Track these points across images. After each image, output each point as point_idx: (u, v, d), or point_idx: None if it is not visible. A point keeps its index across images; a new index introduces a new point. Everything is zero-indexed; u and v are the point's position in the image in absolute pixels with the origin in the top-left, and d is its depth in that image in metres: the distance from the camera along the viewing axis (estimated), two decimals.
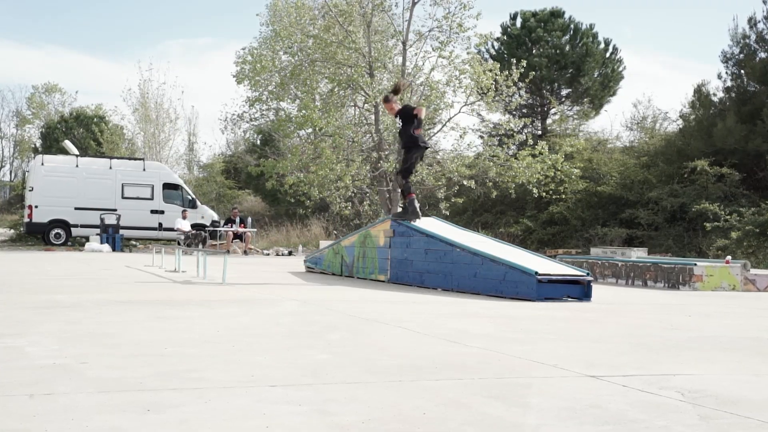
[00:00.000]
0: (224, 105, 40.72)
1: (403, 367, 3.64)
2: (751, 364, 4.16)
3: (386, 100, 9.46)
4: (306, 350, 4.10)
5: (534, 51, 27.06)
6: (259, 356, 3.84)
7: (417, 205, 9.40)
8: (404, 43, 20.22)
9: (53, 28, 71.71)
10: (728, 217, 18.18)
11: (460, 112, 20.42)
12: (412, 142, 9.12)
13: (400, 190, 9.69)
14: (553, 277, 7.84)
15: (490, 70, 19.75)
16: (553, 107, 27.80)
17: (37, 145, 42.68)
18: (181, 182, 24.45)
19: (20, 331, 4.58)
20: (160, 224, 22.98)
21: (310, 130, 21.41)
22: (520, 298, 7.76)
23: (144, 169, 23.49)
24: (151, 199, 23.16)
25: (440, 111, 20.46)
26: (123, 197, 22.77)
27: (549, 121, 28.70)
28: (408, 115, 9.08)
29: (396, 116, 9.29)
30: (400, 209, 9.63)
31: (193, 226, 21.81)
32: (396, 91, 9.50)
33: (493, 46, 27.64)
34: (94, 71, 70.84)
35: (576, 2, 56.99)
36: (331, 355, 3.95)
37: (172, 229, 21.64)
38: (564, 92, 28.68)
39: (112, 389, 2.97)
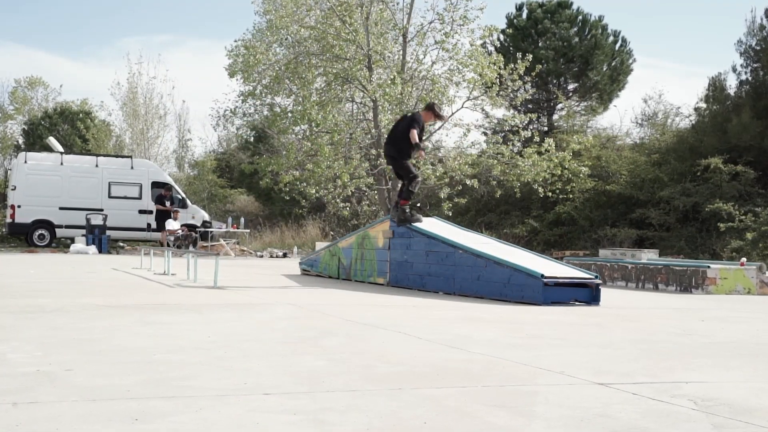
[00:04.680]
0: (215, 102, 40.31)
1: (403, 374, 3.59)
2: None
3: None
4: (301, 357, 4.04)
5: (540, 43, 26.82)
6: (253, 363, 3.77)
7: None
8: (404, 36, 20.05)
9: (37, 27, 70.63)
10: (743, 217, 17.92)
11: (462, 107, 20.27)
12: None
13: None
14: (560, 280, 7.74)
15: (494, 63, 19.54)
16: (560, 102, 27.49)
17: (20, 142, 41.93)
18: (170, 181, 23.93)
19: (1, 337, 4.48)
20: (149, 225, 22.33)
21: (306, 126, 21.19)
22: (525, 302, 7.67)
23: (132, 167, 23.01)
24: (140, 198, 22.65)
25: (442, 106, 20.25)
26: (110, 196, 22.28)
27: (555, 116, 28.40)
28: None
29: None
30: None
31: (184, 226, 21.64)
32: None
33: (498, 39, 27.40)
34: (77, 69, 70.10)
35: None
36: (327, 361, 3.89)
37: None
38: (571, 87, 28.42)
39: (99, 398, 2.92)
